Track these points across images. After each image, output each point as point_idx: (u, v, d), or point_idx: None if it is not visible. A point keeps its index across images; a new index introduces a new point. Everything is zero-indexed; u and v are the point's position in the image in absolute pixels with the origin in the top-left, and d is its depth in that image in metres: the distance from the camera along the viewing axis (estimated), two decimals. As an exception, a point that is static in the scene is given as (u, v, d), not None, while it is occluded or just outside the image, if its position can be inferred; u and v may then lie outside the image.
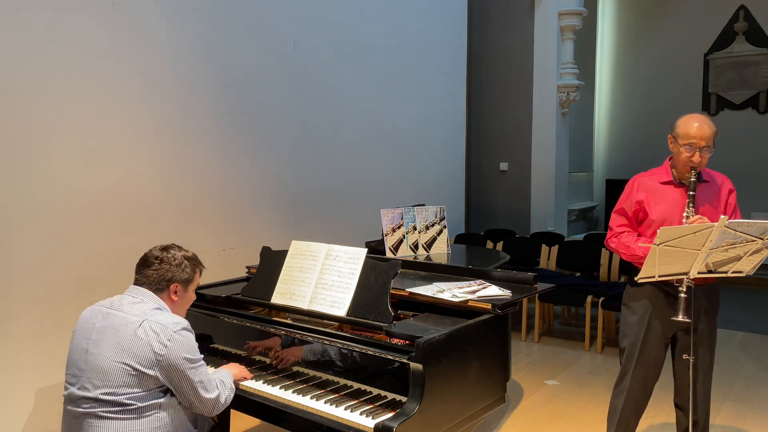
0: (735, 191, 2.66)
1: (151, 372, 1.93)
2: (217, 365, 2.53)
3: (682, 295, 2.36)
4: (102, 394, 1.92)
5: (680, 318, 2.35)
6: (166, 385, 1.98)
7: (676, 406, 2.80)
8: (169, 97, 3.57)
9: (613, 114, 9.33)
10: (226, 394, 2.15)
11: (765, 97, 8.06)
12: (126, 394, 1.92)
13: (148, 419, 1.95)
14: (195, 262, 2.21)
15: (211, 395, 2.06)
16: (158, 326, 1.96)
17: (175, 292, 2.13)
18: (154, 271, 2.10)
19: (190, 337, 2.03)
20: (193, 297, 2.24)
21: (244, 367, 2.43)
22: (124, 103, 3.33)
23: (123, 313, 2.01)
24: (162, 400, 1.99)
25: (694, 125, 2.51)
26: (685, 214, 2.48)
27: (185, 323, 2.04)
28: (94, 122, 3.18)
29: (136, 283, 2.12)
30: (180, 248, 2.19)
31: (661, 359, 2.71)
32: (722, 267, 2.36)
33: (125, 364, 1.92)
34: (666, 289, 2.60)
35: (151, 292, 2.09)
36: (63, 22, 3.02)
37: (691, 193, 2.50)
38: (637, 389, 2.72)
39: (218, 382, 2.14)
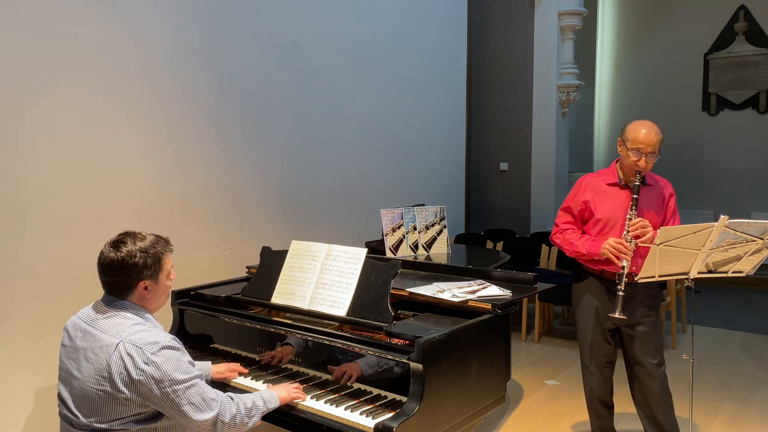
0: (675, 195, 2.81)
1: (134, 397, 1.80)
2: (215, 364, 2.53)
3: (620, 293, 2.51)
4: (93, 422, 1.82)
5: (617, 315, 2.50)
6: (153, 408, 1.85)
7: (634, 400, 2.89)
8: (169, 97, 3.57)
9: (613, 114, 9.32)
10: (233, 412, 1.91)
11: (765, 97, 8.05)
12: (116, 420, 1.81)
13: None
14: (156, 248, 1.94)
15: (206, 416, 1.84)
16: (133, 349, 1.80)
17: (145, 288, 1.93)
18: (113, 278, 1.90)
19: (173, 356, 1.82)
20: (169, 283, 2.01)
21: (296, 386, 2.24)
22: (124, 103, 3.33)
23: (99, 331, 1.87)
24: (156, 423, 1.87)
25: (642, 131, 2.60)
26: (628, 217, 2.61)
27: (166, 340, 1.84)
28: (94, 122, 3.18)
29: (105, 290, 1.96)
30: (134, 239, 1.93)
31: (610, 350, 2.86)
32: (722, 267, 2.36)
33: (106, 392, 1.80)
34: (607, 284, 2.74)
35: (123, 301, 1.93)
36: (63, 22, 3.02)
37: (634, 196, 2.62)
38: (597, 379, 2.88)
39: (225, 399, 1.93)
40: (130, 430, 1.83)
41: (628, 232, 2.56)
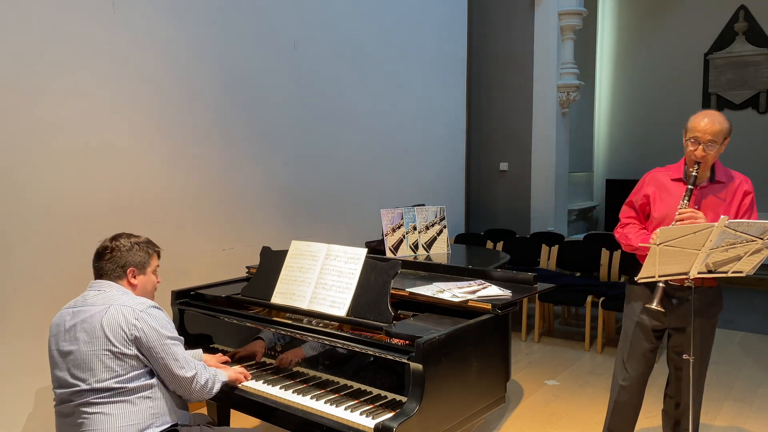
0: (752, 194, 2.61)
1: (129, 351, 1.97)
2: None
3: (660, 284, 2.42)
4: (89, 383, 1.95)
5: (653, 305, 2.42)
6: (148, 365, 2.02)
7: (666, 396, 2.85)
8: (170, 98, 3.58)
9: (613, 114, 9.33)
10: (207, 377, 2.14)
11: (765, 97, 8.06)
12: (113, 378, 1.95)
13: (140, 402, 1.98)
14: (147, 245, 2.23)
15: (187, 374, 2.06)
16: (125, 308, 2.00)
17: (134, 276, 2.16)
18: (107, 261, 2.14)
19: (161, 315, 2.07)
20: (155, 279, 2.25)
21: (244, 369, 2.43)
22: (125, 103, 3.33)
23: (89, 305, 2.04)
24: (151, 380, 2.02)
25: (703, 120, 2.48)
26: (679, 207, 2.46)
27: (153, 303, 2.09)
28: (95, 122, 3.18)
29: (96, 277, 2.16)
30: (129, 236, 2.23)
31: (650, 353, 2.74)
32: (722, 267, 2.36)
33: (102, 349, 1.95)
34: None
35: (111, 282, 2.13)
36: (63, 22, 3.02)
37: (689, 186, 2.48)
38: (630, 381, 2.76)
39: (200, 365, 2.15)
40: (127, 387, 1.97)
41: (676, 222, 2.41)
